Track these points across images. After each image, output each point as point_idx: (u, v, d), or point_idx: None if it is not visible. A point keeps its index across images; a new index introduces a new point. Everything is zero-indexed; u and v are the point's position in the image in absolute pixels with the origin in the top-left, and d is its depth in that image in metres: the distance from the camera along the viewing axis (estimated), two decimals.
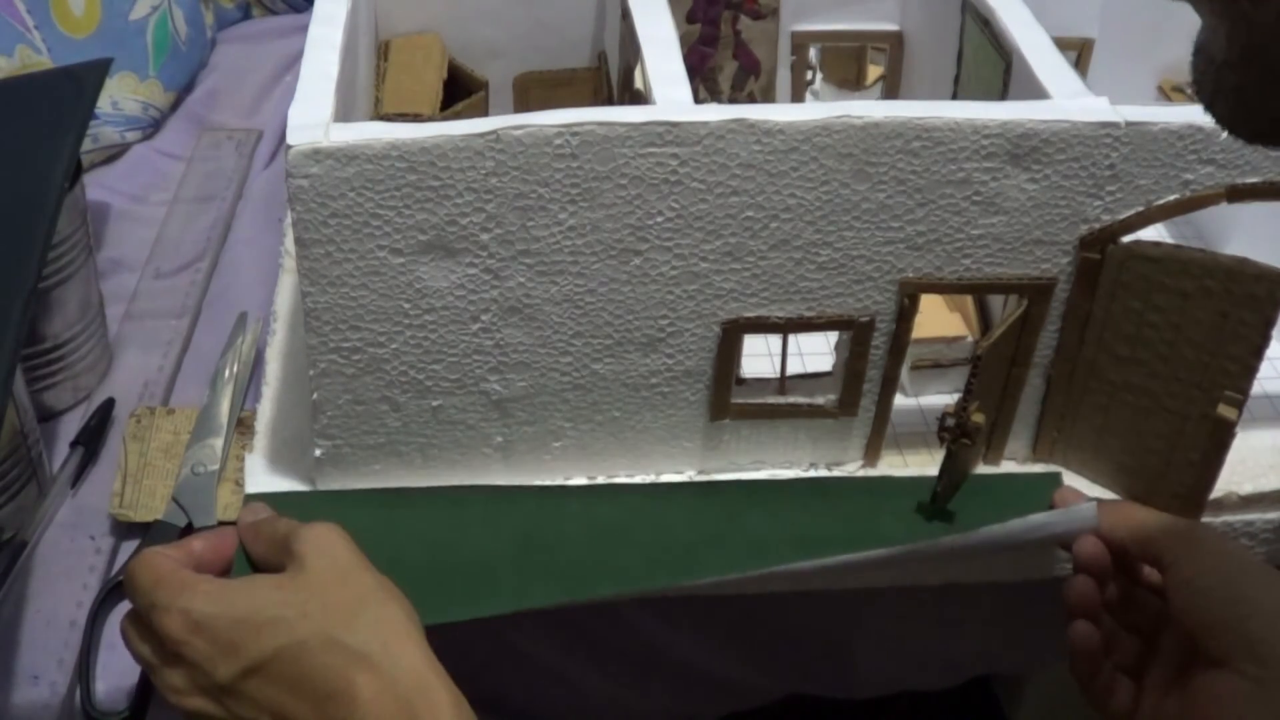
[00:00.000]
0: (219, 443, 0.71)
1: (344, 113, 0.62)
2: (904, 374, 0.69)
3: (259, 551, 0.60)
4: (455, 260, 0.59)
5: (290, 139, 0.55)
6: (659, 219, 0.59)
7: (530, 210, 0.58)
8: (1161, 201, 0.62)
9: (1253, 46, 0.34)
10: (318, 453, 0.65)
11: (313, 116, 0.57)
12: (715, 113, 0.57)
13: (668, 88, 0.61)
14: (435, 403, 0.63)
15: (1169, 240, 0.73)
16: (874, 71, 0.91)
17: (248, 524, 0.62)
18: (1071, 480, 0.69)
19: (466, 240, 0.58)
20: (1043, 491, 0.67)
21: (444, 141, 0.55)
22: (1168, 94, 0.88)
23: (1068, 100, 0.62)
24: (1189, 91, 0.88)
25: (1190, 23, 0.95)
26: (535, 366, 0.63)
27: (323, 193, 0.56)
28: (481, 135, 0.55)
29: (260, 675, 0.54)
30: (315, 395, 0.62)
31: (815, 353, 0.74)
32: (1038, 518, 0.63)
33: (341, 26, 0.65)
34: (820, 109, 0.58)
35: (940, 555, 0.65)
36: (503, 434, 0.65)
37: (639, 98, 0.64)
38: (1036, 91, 0.64)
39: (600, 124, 0.56)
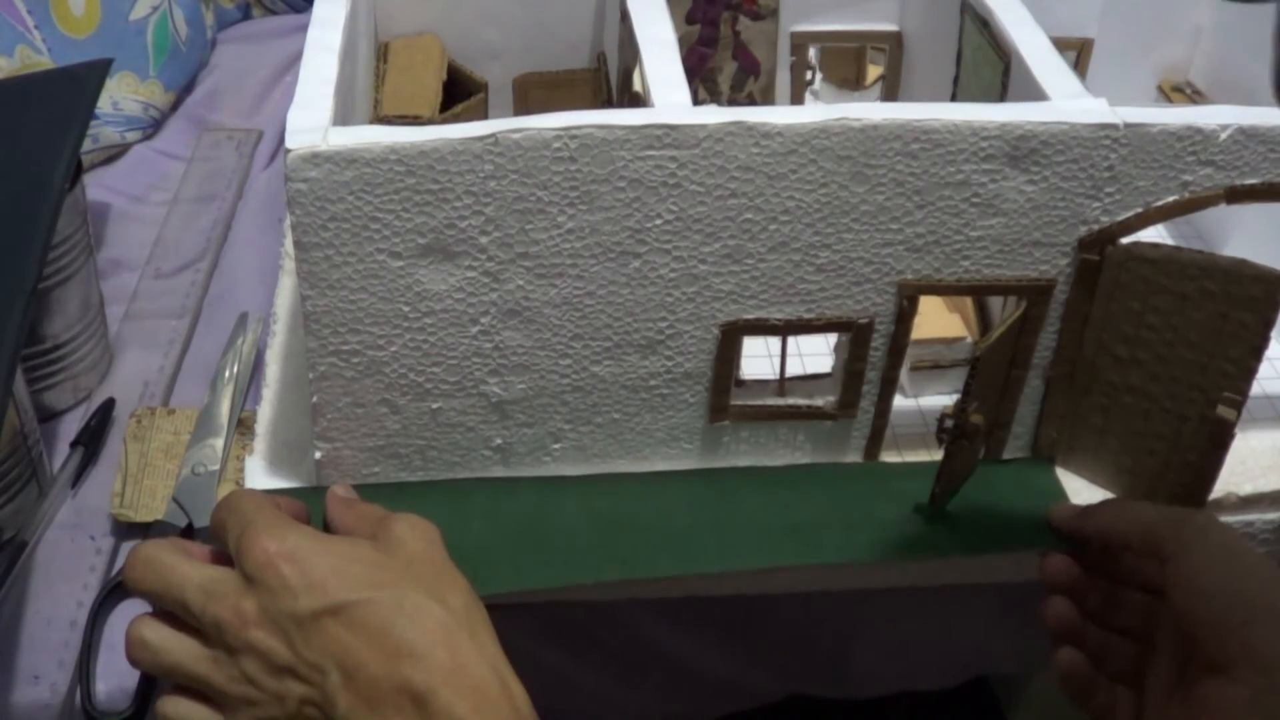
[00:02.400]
0: (219, 443, 0.71)
1: (343, 115, 0.62)
2: (903, 375, 0.69)
3: (347, 523, 0.59)
4: (454, 263, 0.59)
5: (289, 143, 0.55)
6: (658, 221, 0.59)
7: (529, 213, 0.58)
8: (1160, 203, 0.62)
9: None
10: (318, 455, 0.65)
11: (311, 120, 0.57)
12: (714, 115, 0.57)
13: (666, 90, 0.61)
14: (435, 405, 0.63)
15: (1169, 242, 0.73)
16: (874, 71, 0.91)
17: (341, 497, 0.61)
18: (1071, 481, 0.69)
19: (465, 243, 0.58)
20: (1038, 479, 0.68)
21: (442, 145, 0.55)
22: (1167, 94, 0.88)
23: (1066, 102, 0.62)
24: (1188, 92, 0.88)
25: (1190, 23, 0.95)
26: (534, 369, 0.63)
27: (322, 196, 0.56)
28: (480, 139, 0.55)
29: (341, 617, 0.52)
30: (315, 398, 0.62)
31: (815, 354, 0.74)
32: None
33: (340, 29, 0.65)
34: (819, 111, 0.58)
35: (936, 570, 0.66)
36: (502, 436, 0.65)
37: (638, 100, 0.64)
38: (1035, 93, 0.64)
39: (599, 127, 0.56)
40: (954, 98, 0.79)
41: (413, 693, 0.51)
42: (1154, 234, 0.70)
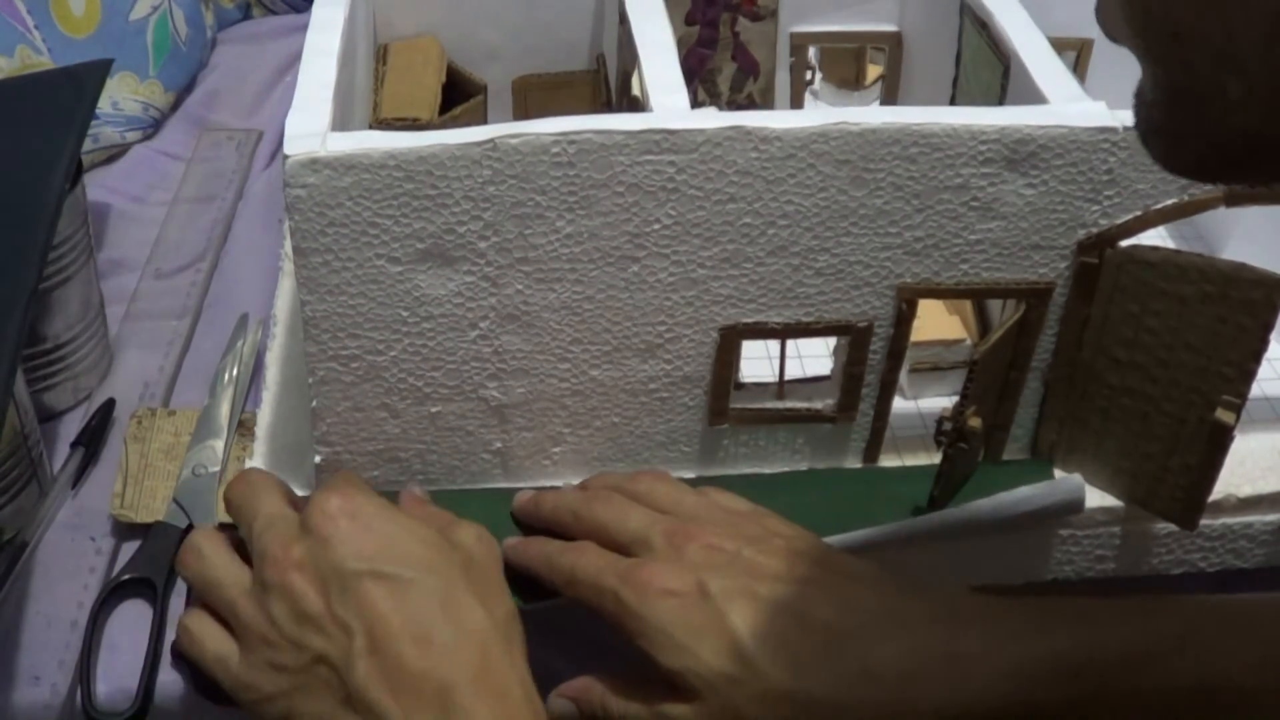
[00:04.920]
0: (220, 445, 0.71)
1: (342, 119, 0.62)
2: (903, 377, 0.69)
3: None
4: (453, 268, 0.59)
5: (287, 149, 0.55)
6: (656, 226, 0.59)
7: (528, 218, 0.58)
8: (1159, 206, 0.62)
9: (1172, 89, 0.35)
10: (317, 459, 0.65)
11: (310, 126, 0.57)
12: (712, 120, 0.57)
13: (665, 95, 0.61)
14: (434, 409, 0.63)
15: (1168, 244, 0.73)
16: (874, 71, 0.91)
17: (416, 495, 0.62)
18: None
19: (464, 248, 0.58)
20: (1036, 481, 0.68)
21: (441, 150, 0.55)
22: None
23: (1065, 105, 0.62)
24: None
25: None
26: (534, 373, 0.63)
27: (320, 202, 0.56)
28: (478, 144, 0.55)
29: (384, 584, 0.53)
30: (314, 403, 0.62)
31: (814, 355, 0.74)
32: (1023, 491, 0.65)
33: (339, 33, 0.65)
34: (817, 116, 0.58)
35: (930, 535, 0.65)
36: (501, 440, 0.65)
37: (636, 104, 0.64)
38: (1034, 96, 0.64)
39: (597, 132, 0.56)
40: (954, 99, 0.79)
41: (436, 683, 0.51)
42: (1154, 236, 0.70)
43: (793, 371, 0.70)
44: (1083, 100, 0.62)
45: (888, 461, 0.70)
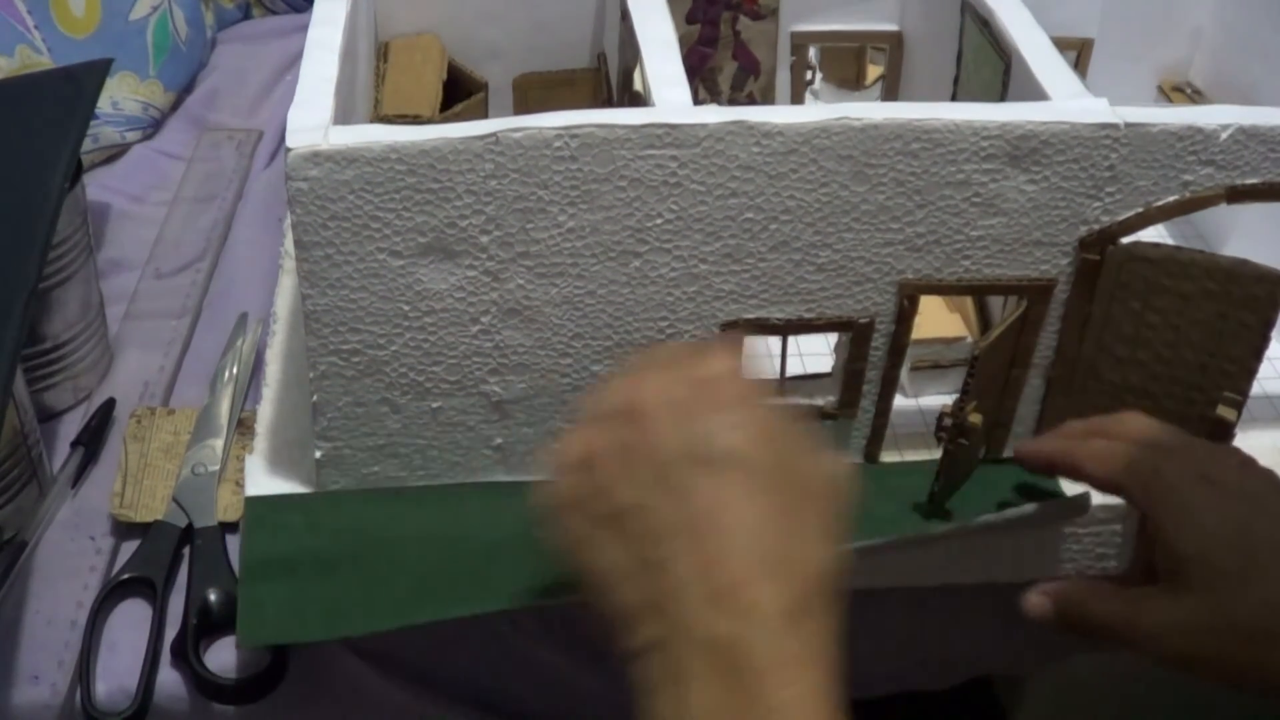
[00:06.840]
0: (219, 443, 0.71)
1: (344, 115, 0.62)
2: (904, 375, 0.69)
3: None
4: (455, 262, 0.59)
5: (289, 142, 0.55)
6: (658, 221, 0.59)
7: (530, 212, 0.58)
8: (1161, 202, 0.62)
9: None
10: (318, 454, 0.65)
11: (312, 119, 0.57)
12: (714, 115, 0.57)
13: (667, 90, 0.61)
14: (435, 404, 0.63)
15: (1169, 241, 0.73)
16: (874, 71, 0.91)
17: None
18: (1070, 483, 0.69)
19: (466, 242, 0.58)
20: (1036, 477, 0.68)
21: (443, 144, 0.55)
22: (1168, 94, 0.88)
23: (1067, 101, 0.62)
24: (1189, 92, 0.88)
25: (1190, 23, 0.95)
26: (535, 368, 0.63)
27: (322, 195, 0.56)
28: (481, 138, 0.55)
29: (710, 471, 0.47)
30: (315, 397, 0.62)
31: (815, 353, 0.74)
32: (1030, 507, 0.65)
33: (341, 28, 0.65)
34: (819, 111, 0.58)
35: (937, 544, 0.65)
36: (502, 435, 0.65)
37: (638, 99, 0.64)
38: (1036, 92, 0.64)
39: (599, 126, 0.56)
40: (954, 98, 0.79)
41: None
42: (1154, 234, 0.70)
43: (794, 370, 0.70)
44: (1085, 97, 0.62)
45: (889, 458, 0.70)
